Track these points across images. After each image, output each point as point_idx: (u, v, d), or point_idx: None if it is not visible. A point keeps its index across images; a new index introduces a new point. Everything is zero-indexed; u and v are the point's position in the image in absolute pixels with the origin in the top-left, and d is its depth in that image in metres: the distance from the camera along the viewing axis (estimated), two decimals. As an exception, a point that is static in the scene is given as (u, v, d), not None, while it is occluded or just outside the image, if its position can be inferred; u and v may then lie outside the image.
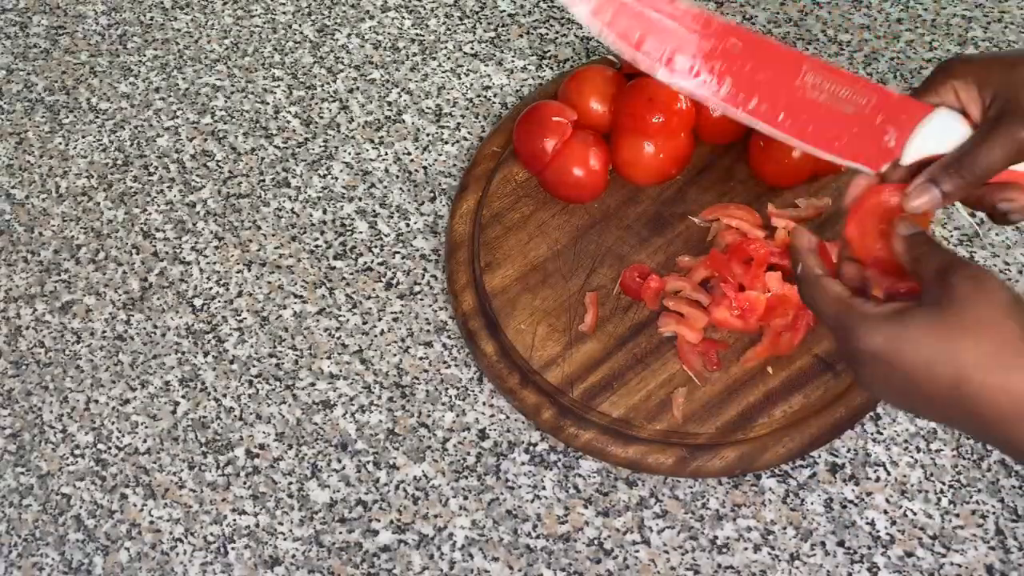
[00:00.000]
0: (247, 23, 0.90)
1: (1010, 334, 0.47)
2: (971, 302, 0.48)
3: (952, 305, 0.48)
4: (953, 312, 0.48)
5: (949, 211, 0.72)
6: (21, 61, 0.91)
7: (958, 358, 0.47)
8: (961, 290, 0.48)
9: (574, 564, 0.63)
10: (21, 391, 0.75)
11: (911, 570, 0.60)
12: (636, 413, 0.65)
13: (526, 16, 0.86)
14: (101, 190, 0.83)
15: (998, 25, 0.80)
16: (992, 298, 0.48)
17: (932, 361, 0.48)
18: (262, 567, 0.66)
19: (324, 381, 0.72)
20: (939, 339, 0.48)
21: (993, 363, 0.47)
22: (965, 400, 0.48)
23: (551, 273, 0.71)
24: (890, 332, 0.49)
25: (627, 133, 0.70)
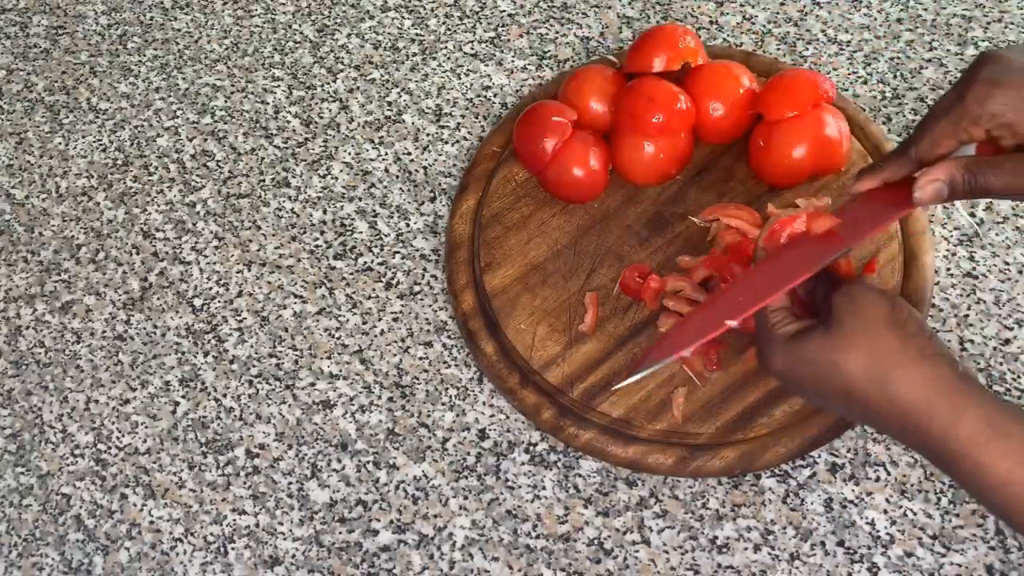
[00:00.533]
0: (247, 23, 0.90)
1: (885, 344, 0.50)
2: (848, 318, 0.51)
3: (833, 324, 0.51)
4: (834, 330, 0.51)
5: (949, 211, 0.72)
6: (21, 61, 0.91)
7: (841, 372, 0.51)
8: (838, 308, 0.52)
9: (574, 564, 0.63)
10: (21, 391, 0.75)
11: (911, 570, 0.60)
12: (636, 413, 0.65)
13: (526, 16, 0.86)
14: (101, 190, 0.83)
15: (998, 25, 0.80)
16: (866, 313, 0.50)
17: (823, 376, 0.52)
18: (262, 567, 0.66)
19: (324, 381, 0.72)
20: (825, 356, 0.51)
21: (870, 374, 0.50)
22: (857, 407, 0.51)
23: (551, 273, 0.71)
24: (788, 354, 0.53)
25: (627, 133, 0.70)
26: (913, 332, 0.50)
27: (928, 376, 0.48)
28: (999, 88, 0.50)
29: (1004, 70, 0.50)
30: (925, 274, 0.67)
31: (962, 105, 0.51)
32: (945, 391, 0.48)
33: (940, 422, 0.48)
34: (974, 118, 0.51)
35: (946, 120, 0.52)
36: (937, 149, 0.53)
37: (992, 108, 0.50)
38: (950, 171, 0.52)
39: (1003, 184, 0.51)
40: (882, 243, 0.68)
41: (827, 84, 0.68)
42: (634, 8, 0.85)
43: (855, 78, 0.78)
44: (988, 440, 0.47)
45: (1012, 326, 0.67)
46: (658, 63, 0.71)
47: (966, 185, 0.52)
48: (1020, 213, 0.71)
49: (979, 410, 0.47)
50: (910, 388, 0.49)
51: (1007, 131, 0.51)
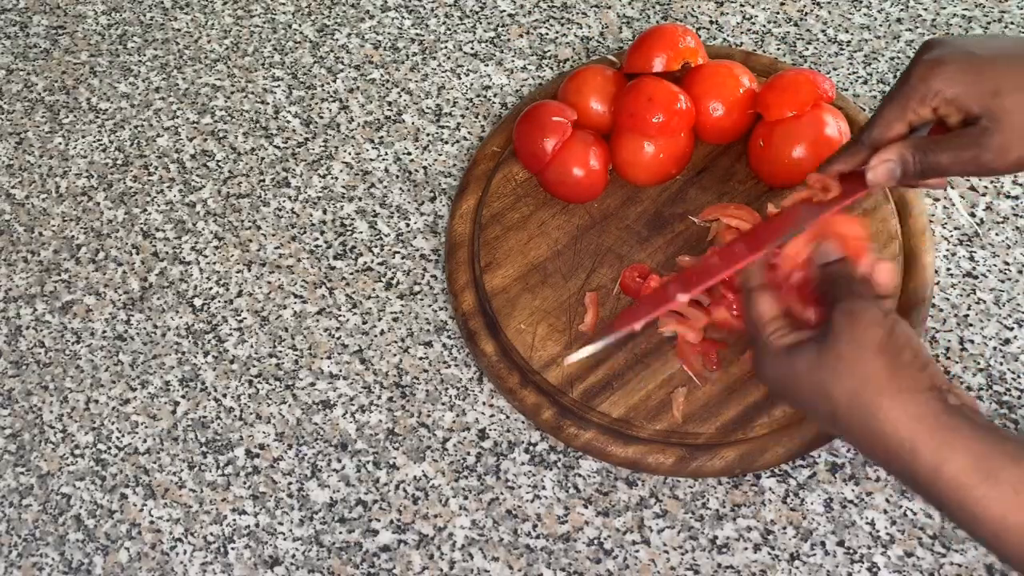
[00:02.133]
0: (247, 23, 0.90)
1: (873, 372, 0.48)
2: (843, 339, 0.49)
3: (827, 341, 0.50)
4: (827, 349, 0.50)
5: (949, 211, 0.72)
6: (21, 61, 0.91)
7: (829, 396, 0.50)
8: (836, 326, 0.50)
9: (574, 564, 0.63)
10: (21, 391, 0.75)
11: (911, 570, 0.60)
12: (636, 413, 0.65)
13: (526, 16, 0.86)
14: (101, 190, 0.83)
15: (998, 25, 0.80)
16: (862, 335, 0.49)
17: (812, 396, 0.50)
18: (262, 567, 0.66)
19: (324, 381, 0.72)
20: (815, 376, 0.50)
21: (855, 404, 0.48)
22: (842, 428, 0.50)
23: (551, 273, 0.71)
24: (781, 367, 0.52)
25: (627, 133, 0.70)
26: (906, 362, 0.48)
27: (913, 413, 0.47)
28: (940, 66, 0.51)
29: (945, 51, 0.52)
30: (925, 274, 0.67)
31: (907, 86, 0.53)
32: (931, 429, 0.46)
33: (925, 462, 0.46)
34: (920, 97, 0.52)
35: (894, 103, 0.53)
36: (888, 133, 0.54)
37: (935, 85, 0.51)
38: (900, 151, 0.53)
39: (951, 160, 0.52)
40: (882, 243, 0.68)
41: (827, 84, 0.68)
42: (634, 8, 0.85)
43: (855, 78, 0.78)
44: (976, 484, 0.45)
45: (1012, 326, 0.67)
46: (658, 63, 0.71)
47: (917, 164, 0.53)
48: (1020, 213, 0.71)
49: (966, 451, 0.45)
50: (893, 423, 0.47)
51: (952, 108, 0.51)
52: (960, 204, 0.72)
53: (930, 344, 0.67)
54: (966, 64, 0.51)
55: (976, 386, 0.65)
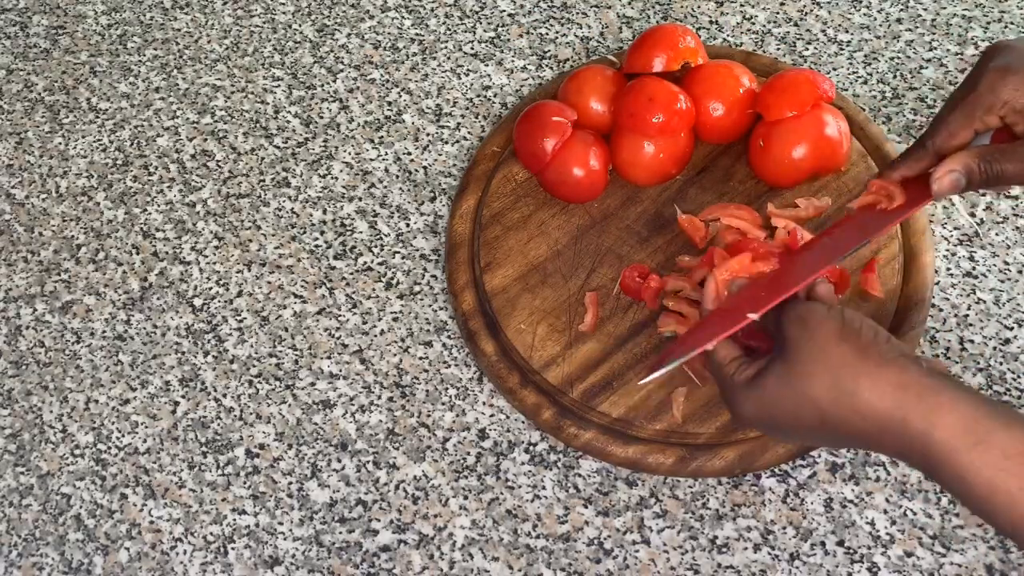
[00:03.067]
0: (247, 23, 0.90)
1: (843, 358, 0.48)
2: (802, 342, 0.49)
3: (789, 352, 0.50)
4: (791, 358, 0.50)
5: (949, 211, 0.72)
6: (21, 61, 0.91)
7: (810, 398, 0.49)
8: (791, 334, 0.50)
9: (574, 564, 0.63)
10: (21, 391, 0.75)
11: (911, 570, 0.60)
12: (636, 413, 0.65)
13: (526, 16, 0.86)
14: (101, 190, 0.83)
15: (998, 25, 0.80)
16: (818, 331, 0.49)
17: (795, 409, 0.50)
18: (262, 567, 0.66)
19: (324, 381, 0.72)
20: (790, 388, 0.49)
21: (836, 393, 0.48)
22: (835, 430, 0.49)
23: (551, 273, 0.71)
24: (754, 400, 0.51)
25: (627, 133, 0.70)
26: (869, 339, 0.48)
27: (894, 381, 0.46)
28: (1010, 75, 0.51)
29: (1015, 57, 0.51)
30: (925, 274, 0.67)
31: (975, 94, 0.52)
32: (916, 394, 0.46)
33: (916, 427, 0.46)
34: (987, 106, 0.51)
35: (960, 110, 0.53)
36: (953, 140, 0.53)
37: (1004, 95, 0.51)
38: (966, 161, 0.52)
39: (1017, 170, 0.51)
40: (882, 243, 0.68)
41: (827, 84, 0.68)
42: (634, 8, 0.85)
43: (855, 78, 0.79)
44: (967, 448, 0.45)
45: (1012, 326, 0.67)
46: (658, 63, 0.71)
47: (982, 173, 0.52)
48: (1020, 213, 0.71)
49: (954, 413, 0.45)
50: (879, 396, 0.47)
51: (1020, 117, 0.51)
52: (960, 204, 0.72)
53: (930, 344, 0.67)
54: None
55: (976, 386, 0.65)
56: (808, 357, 0.49)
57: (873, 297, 0.66)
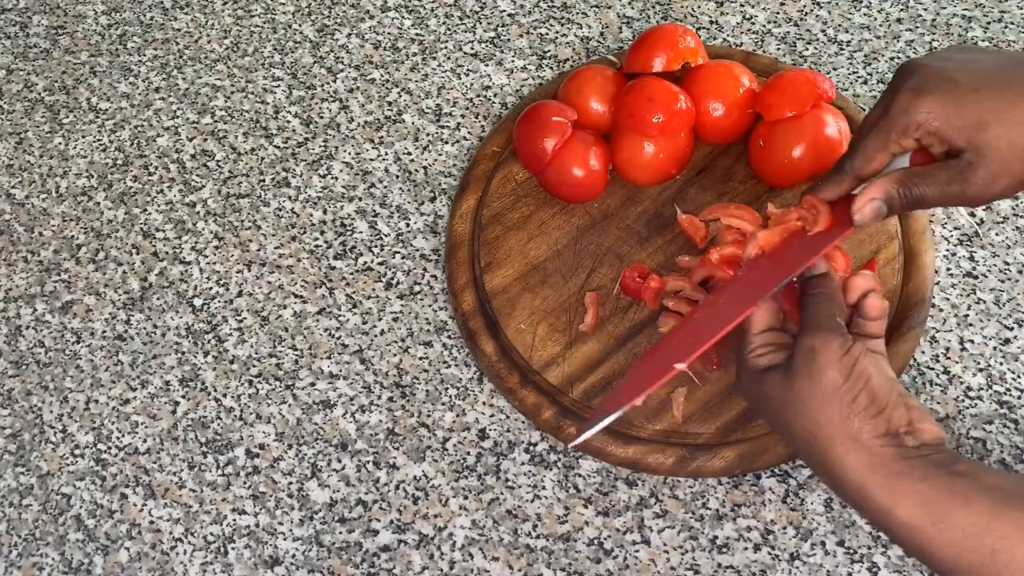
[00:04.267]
0: (247, 23, 0.90)
1: (827, 418, 0.49)
2: (802, 377, 0.50)
3: (790, 377, 0.50)
4: (789, 384, 0.50)
5: (949, 211, 0.72)
6: (21, 61, 0.91)
7: (790, 428, 0.50)
8: (797, 362, 0.50)
9: (574, 564, 0.63)
10: (21, 391, 0.75)
11: (911, 570, 0.60)
12: (636, 413, 0.65)
13: (526, 16, 0.86)
14: (101, 190, 0.83)
15: (998, 25, 0.80)
16: (819, 377, 0.49)
17: (777, 420, 0.52)
18: (262, 567, 0.66)
19: (324, 381, 0.72)
20: (779, 406, 0.51)
21: (811, 444, 0.50)
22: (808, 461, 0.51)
23: (551, 273, 0.71)
24: (754, 387, 0.53)
25: (627, 133, 0.70)
26: (861, 408, 0.48)
27: (866, 462, 0.47)
28: (922, 97, 0.50)
29: (926, 79, 0.50)
30: (925, 274, 0.67)
31: (888, 117, 0.52)
32: (882, 476, 0.47)
33: (877, 506, 0.47)
34: (901, 129, 0.51)
35: (875, 134, 0.53)
36: (870, 163, 0.53)
37: (917, 117, 0.50)
38: (885, 188, 0.52)
39: (937, 193, 0.51)
40: (882, 243, 0.68)
41: (826, 84, 0.68)
42: (634, 8, 0.85)
43: (855, 78, 0.79)
44: (927, 528, 0.45)
45: (1012, 326, 0.67)
46: (658, 63, 0.71)
47: (902, 199, 0.52)
48: (1020, 213, 0.71)
49: (917, 497, 0.46)
50: (846, 470, 0.48)
51: (935, 139, 0.51)
52: (960, 204, 0.72)
53: (930, 344, 0.67)
54: (948, 95, 0.50)
55: (976, 386, 0.65)
56: (800, 395, 0.50)
57: None
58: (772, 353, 0.53)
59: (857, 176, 0.54)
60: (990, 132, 0.49)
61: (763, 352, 0.53)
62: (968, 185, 0.50)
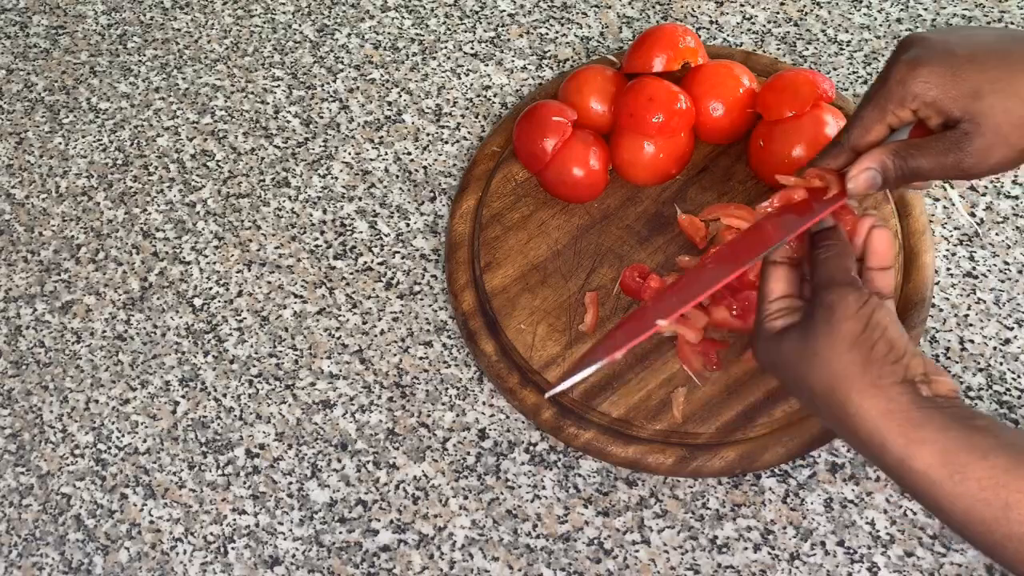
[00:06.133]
0: (247, 23, 0.90)
1: (845, 367, 0.49)
2: (820, 332, 0.50)
3: (808, 332, 0.50)
4: (808, 339, 0.50)
5: (949, 211, 0.72)
6: (21, 61, 0.91)
7: (807, 384, 0.50)
8: (817, 316, 0.50)
9: (574, 564, 0.63)
10: (21, 391, 0.75)
11: (911, 570, 0.60)
12: (636, 413, 0.65)
13: (526, 16, 0.86)
14: (101, 190, 0.83)
15: (998, 25, 0.80)
16: (837, 328, 0.49)
17: (793, 380, 0.51)
18: (262, 567, 0.66)
19: (324, 381, 0.72)
20: (795, 363, 0.51)
21: (829, 395, 0.49)
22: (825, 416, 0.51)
23: (551, 273, 0.71)
24: (769, 349, 0.52)
25: (627, 133, 0.70)
26: (880, 355, 0.48)
27: (882, 408, 0.47)
28: (920, 67, 0.50)
29: (924, 50, 0.50)
30: (925, 274, 0.67)
31: (886, 88, 0.52)
32: (899, 424, 0.47)
33: (893, 457, 0.47)
34: (899, 99, 0.51)
35: (872, 105, 0.53)
36: (867, 135, 0.53)
37: (914, 88, 0.50)
38: (880, 158, 0.52)
39: (932, 164, 0.51)
40: (882, 243, 0.68)
41: (826, 84, 0.68)
42: (634, 8, 0.85)
43: (855, 78, 0.79)
44: (943, 480, 0.45)
45: (1012, 326, 0.67)
46: (658, 63, 0.71)
47: (897, 170, 0.52)
48: (1020, 213, 0.71)
49: (933, 448, 0.46)
50: (864, 417, 0.47)
51: (932, 110, 0.51)
52: (960, 204, 0.72)
53: (930, 344, 0.67)
54: (945, 65, 0.50)
55: (976, 386, 0.65)
56: (818, 349, 0.49)
57: None
58: (788, 315, 0.53)
59: (854, 148, 0.54)
60: (986, 101, 0.49)
61: (779, 315, 0.53)
62: (964, 155, 0.50)
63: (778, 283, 0.54)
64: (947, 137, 0.50)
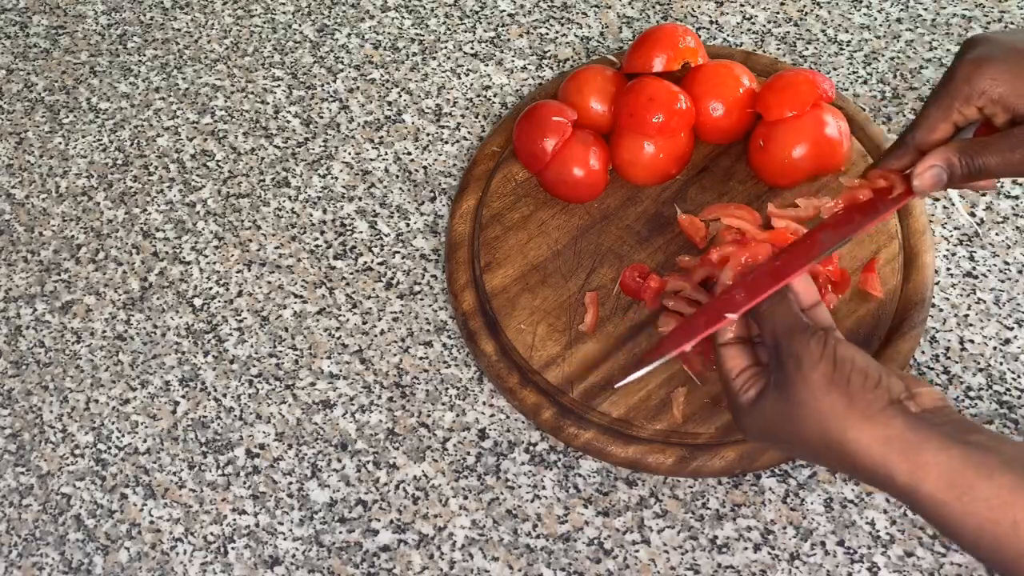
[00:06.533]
0: (247, 23, 0.90)
1: (831, 408, 0.49)
2: (796, 382, 0.50)
3: (783, 388, 0.51)
4: (785, 396, 0.50)
5: (949, 211, 0.72)
6: (21, 61, 0.91)
7: (802, 440, 0.50)
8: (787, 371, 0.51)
9: (574, 564, 0.63)
10: (21, 391, 0.75)
11: (911, 570, 0.60)
12: (636, 413, 0.65)
13: (526, 16, 0.86)
14: (101, 190, 0.83)
15: (998, 25, 0.80)
16: (811, 377, 0.49)
17: (790, 436, 0.51)
18: (262, 567, 0.66)
19: (324, 381, 0.72)
20: (785, 422, 0.51)
21: (826, 441, 0.49)
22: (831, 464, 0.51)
23: (551, 273, 0.71)
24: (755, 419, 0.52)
25: (627, 133, 0.70)
26: (858, 387, 0.48)
27: (879, 436, 0.47)
28: (985, 65, 0.50)
29: (989, 48, 0.51)
30: (925, 274, 0.67)
31: (952, 86, 0.52)
32: (899, 450, 0.47)
33: (902, 484, 0.47)
34: (964, 97, 0.51)
35: (937, 104, 0.53)
36: (933, 134, 0.53)
37: (980, 85, 0.50)
38: (946, 155, 0.52)
39: (999, 161, 0.51)
40: (882, 243, 0.68)
41: (826, 84, 0.68)
42: (634, 8, 0.85)
43: (855, 78, 0.79)
44: (951, 501, 0.45)
45: (1012, 326, 0.67)
46: (658, 63, 0.71)
47: (964, 167, 0.52)
48: (1020, 213, 0.71)
49: (939, 470, 0.46)
50: (866, 452, 0.48)
51: (998, 107, 0.51)
52: (960, 204, 0.72)
53: (930, 344, 0.67)
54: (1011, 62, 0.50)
55: (976, 386, 0.65)
56: (801, 403, 0.50)
57: (873, 297, 0.66)
58: (756, 382, 0.53)
59: (919, 148, 0.54)
60: None
61: (748, 385, 0.54)
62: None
63: (735, 360, 0.55)
64: (1014, 134, 0.50)
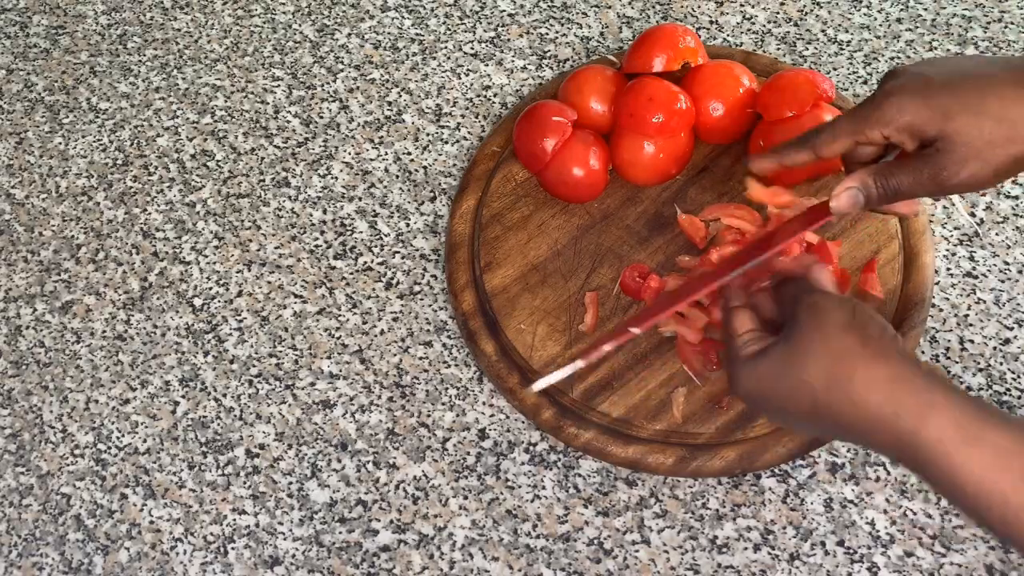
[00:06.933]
0: (247, 23, 0.90)
1: (843, 347, 0.49)
2: (808, 327, 0.50)
3: (794, 335, 0.51)
4: (795, 341, 0.51)
5: (949, 211, 0.72)
6: (21, 61, 0.91)
7: (806, 382, 0.50)
8: (801, 319, 0.51)
9: (574, 564, 0.63)
10: (21, 391, 0.75)
11: (911, 570, 0.60)
12: (636, 413, 0.65)
13: (526, 16, 0.86)
14: (101, 190, 0.83)
15: (998, 25, 0.80)
16: (826, 319, 0.50)
17: (788, 392, 0.51)
18: (262, 567, 0.66)
19: (324, 381, 0.72)
20: (789, 369, 0.51)
21: (832, 380, 0.49)
22: (825, 418, 0.50)
23: (551, 273, 0.71)
24: (752, 373, 0.53)
25: (627, 133, 0.70)
26: (875, 334, 0.49)
27: (890, 375, 0.47)
28: (895, 94, 0.53)
29: (903, 80, 0.53)
30: (925, 274, 0.67)
31: (865, 110, 0.54)
32: (909, 390, 0.47)
33: (907, 423, 0.46)
34: (873, 120, 0.53)
35: (848, 118, 0.55)
36: (833, 143, 0.56)
37: (887, 112, 0.53)
38: (862, 177, 0.55)
39: (911, 181, 0.53)
40: (882, 243, 0.68)
41: (826, 84, 0.68)
42: (634, 8, 0.85)
43: (855, 78, 0.79)
44: (958, 445, 0.45)
45: (1012, 326, 0.67)
46: (658, 63, 0.71)
47: (879, 188, 0.54)
48: (1020, 213, 0.71)
49: (947, 411, 0.46)
50: (873, 388, 0.47)
51: (905, 135, 0.53)
52: (960, 204, 0.72)
53: (930, 344, 0.67)
54: (919, 91, 0.52)
55: (976, 386, 0.65)
56: (811, 341, 0.50)
57: (873, 297, 0.66)
58: (759, 341, 0.54)
59: (815, 151, 0.57)
60: (957, 120, 0.51)
61: (751, 342, 0.54)
62: (939, 169, 0.52)
63: (742, 321, 0.56)
64: (922, 155, 0.53)
